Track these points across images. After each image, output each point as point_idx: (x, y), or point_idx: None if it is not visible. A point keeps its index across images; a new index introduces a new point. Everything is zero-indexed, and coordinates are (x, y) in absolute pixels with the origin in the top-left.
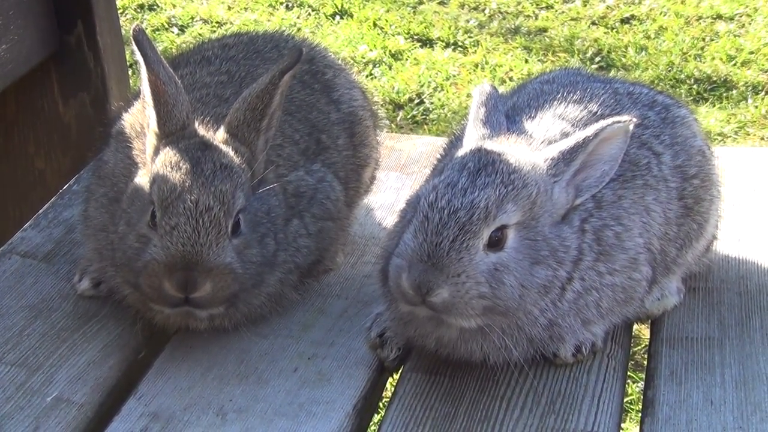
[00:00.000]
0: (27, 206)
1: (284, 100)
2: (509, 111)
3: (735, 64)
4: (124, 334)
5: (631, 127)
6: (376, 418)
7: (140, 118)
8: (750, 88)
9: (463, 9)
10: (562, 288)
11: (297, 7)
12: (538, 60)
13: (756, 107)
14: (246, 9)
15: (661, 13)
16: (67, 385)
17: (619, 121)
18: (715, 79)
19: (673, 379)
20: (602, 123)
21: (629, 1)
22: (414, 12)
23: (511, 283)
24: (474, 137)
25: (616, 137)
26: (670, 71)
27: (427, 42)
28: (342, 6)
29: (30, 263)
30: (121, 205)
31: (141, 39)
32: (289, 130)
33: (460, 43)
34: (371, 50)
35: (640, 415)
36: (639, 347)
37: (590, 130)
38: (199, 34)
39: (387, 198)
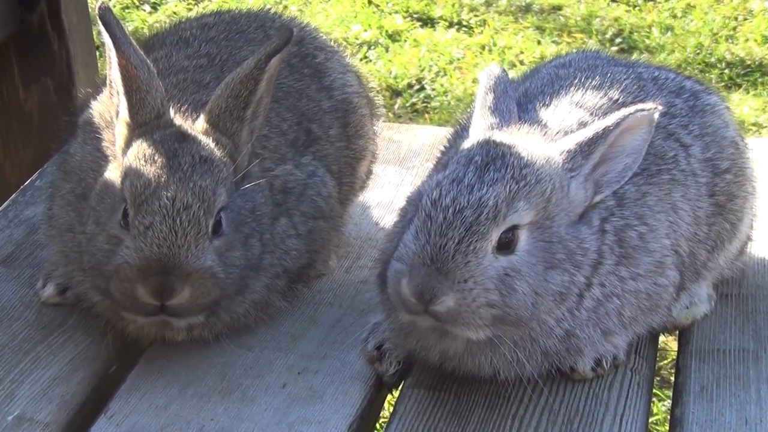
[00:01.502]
0: None
1: (271, 86)
2: (520, 98)
3: None
4: (93, 346)
5: (656, 115)
6: None
7: (110, 107)
8: None
9: None
10: (580, 295)
11: None
12: (552, 41)
13: None
14: None
15: None
16: (30, 402)
17: (642, 110)
18: (748, 62)
19: (703, 395)
20: (624, 111)
21: None
22: None
23: (523, 290)
24: (481, 127)
25: (639, 127)
26: (698, 54)
27: (428, 21)
28: None
29: None
30: (89, 202)
31: (108, 18)
32: (276, 119)
33: (464, 23)
34: (366, 30)
35: None
36: (666, 361)
37: (611, 120)
38: (174, 13)
39: (385, 195)
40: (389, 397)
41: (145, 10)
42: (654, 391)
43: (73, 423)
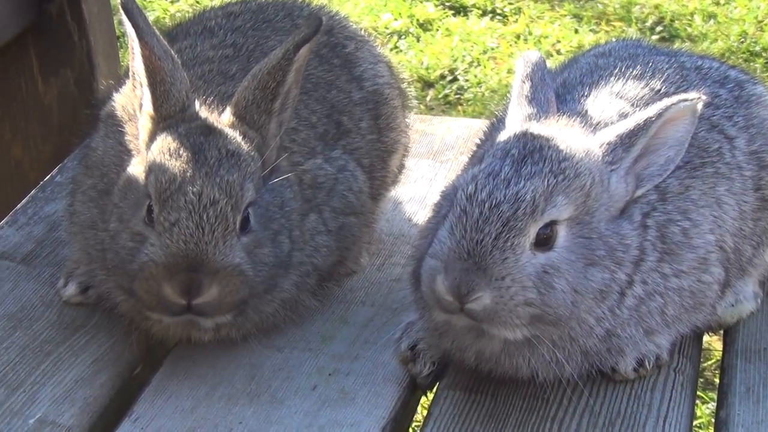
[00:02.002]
0: (2, 201)
1: (300, 77)
2: (559, 89)
3: None
4: (117, 347)
5: (700, 106)
6: None
7: (133, 99)
8: None
9: None
10: (622, 293)
11: None
12: (590, 30)
13: None
14: None
15: None
16: (52, 405)
17: (685, 99)
18: None
19: (749, 396)
20: (666, 102)
21: None
22: None
23: (562, 288)
24: (518, 118)
25: (682, 118)
26: (743, 42)
27: (460, 9)
28: None
29: (7, 266)
30: (112, 198)
31: (130, 7)
32: (305, 111)
33: (498, 11)
34: (396, 19)
35: None
36: (710, 361)
37: (652, 110)
38: (196, 2)
39: (418, 190)
40: (423, 399)
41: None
42: (698, 392)
43: (97, 426)
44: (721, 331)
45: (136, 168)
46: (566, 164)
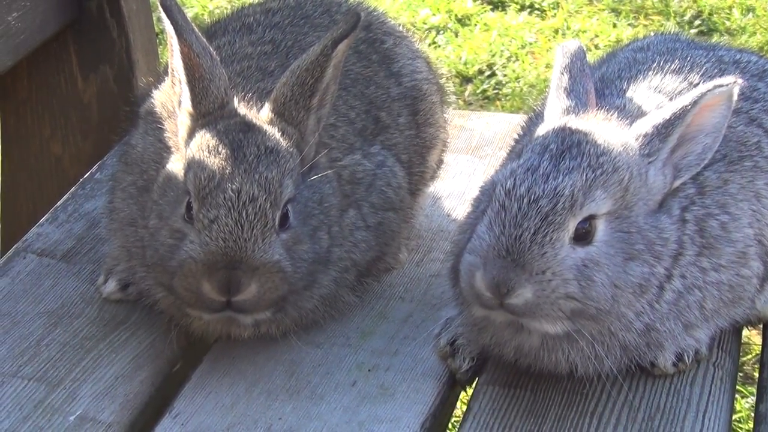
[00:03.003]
0: (42, 198)
1: (338, 73)
2: (597, 83)
3: None
4: (157, 344)
5: (736, 89)
6: None
7: (172, 96)
8: None
9: None
10: (661, 287)
11: None
12: (628, 24)
13: None
14: None
15: None
16: (93, 402)
17: (721, 85)
18: None
19: None
20: (702, 88)
21: None
22: None
23: (602, 282)
24: (557, 111)
25: (718, 104)
26: None
27: (498, 4)
28: None
29: (47, 263)
30: (151, 195)
31: (168, 3)
32: (344, 107)
33: (537, 5)
34: (434, 15)
35: None
36: (749, 356)
37: (687, 98)
38: None
39: (457, 185)
40: (462, 394)
41: None
42: (737, 387)
43: (137, 423)
44: (761, 326)
45: (176, 165)
46: (604, 159)
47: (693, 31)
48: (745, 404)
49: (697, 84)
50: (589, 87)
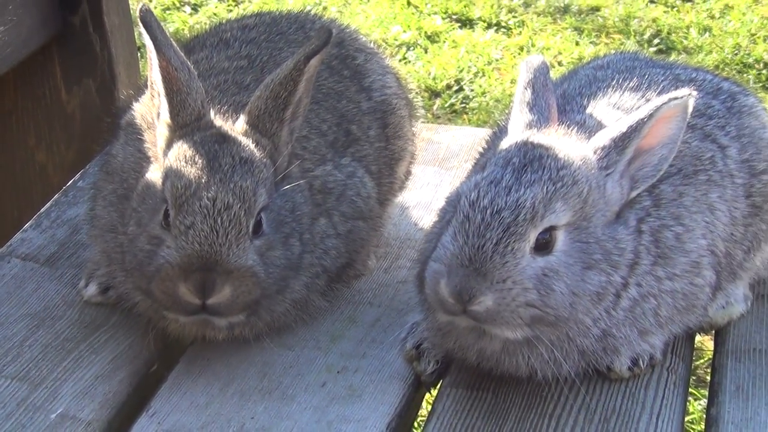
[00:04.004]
0: (27, 204)
1: (311, 87)
2: (559, 99)
3: None
4: (135, 345)
5: (692, 102)
6: None
7: (151, 108)
8: None
9: None
10: (617, 295)
11: None
12: (590, 42)
13: None
14: None
15: None
16: (73, 400)
17: (676, 98)
18: None
19: (739, 395)
20: (657, 101)
21: None
22: None
23: (561, 290)
24: (519, 125)
25: (674, 116)
26: (736, 55)
27: (466, 22)
28: None
29: (31, 267)
30: (131, 203)
31: (148, 19)
32: (316, 120)
33: (503, 24)
34: (405, 31)
35: None
36: (701, 360)
37: (643, 111)
38: (214, 14)
39: (424, 195)
40: (427, 396)
41: (185, 12)
42: (690, 390)
43: (115, 421)
44: (713, 332)
45: (154, 174)
46: (564, 172)
47: (652, 49)
48: (698, 406)
49: None
50: (551, 102)
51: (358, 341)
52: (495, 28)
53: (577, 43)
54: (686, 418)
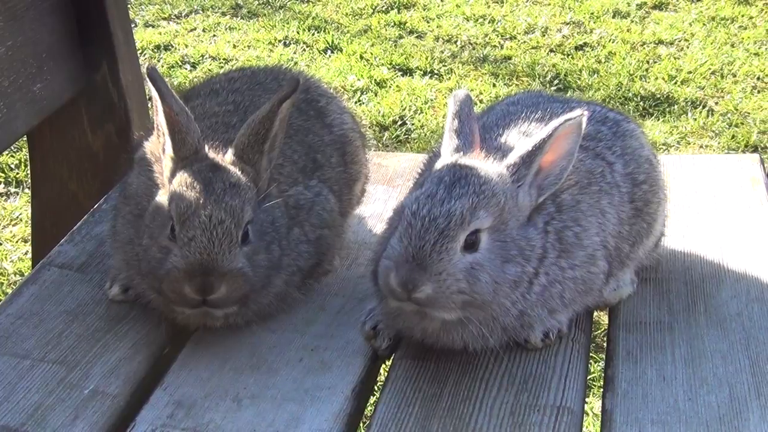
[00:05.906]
0: (63, 224)
1: (284, 125)
2: (480, 130)
3: (675, 83)
4: (151, 333)
5: (584, 120)
6: (372, 399)
7: (158, 145)
8: (689, 104)
9: (438, 41)
10: (530, 282)
11: (293, 44)
12: (504, 84)
13: (695, 120)
14: (249, 47)
15: (610, 41)
16: (102, 379)
17: (570, 118)
18: (658, 96)
19: (629, 358)
20: (555, 122)
21: (582, 31)
22: (395, 45)
23: (485, 280)
24: (449, 149)
25: (570, 133)
26: (619, 90)
27: (407, 71)
28: (333, 42)
29: (67, 273)
30: (144, 221)
31: (154, 76)
32: (289, 151)
33: (436, 72)
34: (359, 79)
35: (602, 390)
36: (599, 331)
37: (544, 132)
38: (209, 70)
39: (376, 208)
40: (383, 366)
41: (186, 69)
42: (591, 355)
43: (136, 394)
44: (607, 309)
45: (162, 197)
46: (485, 187)
47: (553, 88)
48: (597, 367)
49: None
50: (474, 128)
51: (327, 325)
52: (429, 75)
53: (494, 85)
54: (588, 377)
